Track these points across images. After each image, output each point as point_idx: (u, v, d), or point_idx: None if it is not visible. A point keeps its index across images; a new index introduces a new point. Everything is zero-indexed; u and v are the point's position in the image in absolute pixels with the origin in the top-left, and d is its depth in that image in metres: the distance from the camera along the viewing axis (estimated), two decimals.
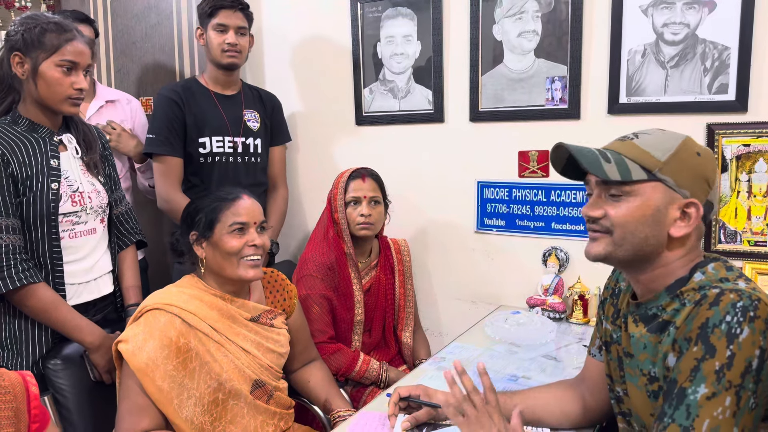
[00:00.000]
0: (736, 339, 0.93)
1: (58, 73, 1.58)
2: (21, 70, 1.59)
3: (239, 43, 2.22)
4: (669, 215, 1.06)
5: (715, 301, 0.97)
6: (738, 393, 0.92)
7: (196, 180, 2.27)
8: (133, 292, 1.82)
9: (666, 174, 1.06)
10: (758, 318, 0.94)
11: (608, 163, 1.07)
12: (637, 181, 1.06)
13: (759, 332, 0.93)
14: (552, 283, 2.19)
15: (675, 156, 1.06)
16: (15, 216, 1.55)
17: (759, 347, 0.93)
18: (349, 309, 2.08)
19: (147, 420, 1.43)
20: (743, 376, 0.92)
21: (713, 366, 0.93)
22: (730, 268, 1.08)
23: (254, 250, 1.55)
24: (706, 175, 1.07)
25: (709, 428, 0.92)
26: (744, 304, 0.95)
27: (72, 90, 1.60)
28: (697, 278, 1.06)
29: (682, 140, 1.09)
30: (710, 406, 0.92)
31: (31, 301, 1.56)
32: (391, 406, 1.41)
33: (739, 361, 0.93)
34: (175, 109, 2.20)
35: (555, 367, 1.75)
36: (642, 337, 1.11)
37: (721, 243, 1.95)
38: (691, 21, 1.92)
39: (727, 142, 1.90)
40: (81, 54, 1.61)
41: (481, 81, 2.28)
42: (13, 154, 1.57)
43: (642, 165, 1.07)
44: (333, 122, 2.65)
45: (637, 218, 1.07)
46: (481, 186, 2.36)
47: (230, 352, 1.53)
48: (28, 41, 1.57)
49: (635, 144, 1.09)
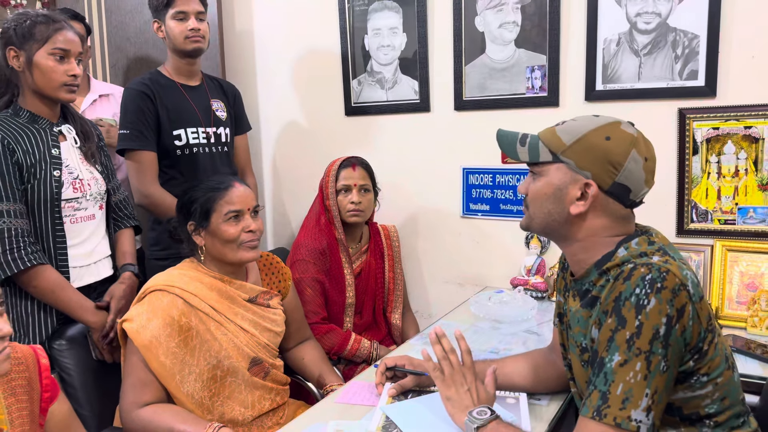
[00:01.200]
0: (644, 309, 1.01)
1: (51, 61, 1.66)
2: (17, 63, 1.68)
3: (201, 28, 2.18)
4: (569, 194, 1.15)
5: (627, 276, 1.05)
6: (648, 358, 1.00)
7: (173, 173, 2.23)
8: (128, 256, 1.90)
9: (568, 156, 1.15)
10: (665, 288, 1.02)
11: (522, 147, 1.20)
12: (544, 162, 1.17)
13: (666, 301, 1.01)
14: (534, 264, 2.29)
15: (580, 140, 1.14)
16: (21, 201, 1.64)
17: (666, 315, 1.01)
18: (340, 292, 2.17)
19: (150, 394, 1.51)
20: (651, 342, 1.01)
21: (624, 336, 1.02)
22: (652, 242, 1.14)
23: (251, 235, 1.64)
24: (611, 158, 1.12)
25: (623, 391, 1.01)
26: (652, 277, 1.03)
27: (66, 77, 1.69)
28: (621, 254, 1.13)
29: (598, 125, 1.15)
30: (623, 372, 1.01)
31: (38, 281, 1.64)
32: (378, 375, 1.51)
33: (647, 330, 1.01)
34: (147, 103, 2.15)
35: (536, 341, 1.83)
36: (577, 311, 1.20)
37: (693, 222, 2.05)
38: (663, 11, 2.01)
39: (698, 125, 2.00)
40: (71, 42, 1.70)
41: (464, 71, 2.37)
42: (18, 143, 1.65)
43: (549, 148, 1.17)
44: (323, 113, 2.73)
45: (542, 195, 1.18)
46: (466, 172, 2.45)
47: (229, 330, 1.61)
48: (20, 34, 1.65)
49: (554, 129, 1.19)
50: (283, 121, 2.85)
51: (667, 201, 2.07)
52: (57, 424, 1.29)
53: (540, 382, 1.45)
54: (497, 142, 1.25)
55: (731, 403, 1.10)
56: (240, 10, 2.84)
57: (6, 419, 1.15)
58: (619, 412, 1.00)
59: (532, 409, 1.40)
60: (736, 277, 1.95)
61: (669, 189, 2.06)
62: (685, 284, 1.04)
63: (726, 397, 1.10)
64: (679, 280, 1.03)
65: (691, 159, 2.02)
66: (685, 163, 2.02)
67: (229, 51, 2.83)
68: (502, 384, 1.45)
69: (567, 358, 1.31)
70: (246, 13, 2.84)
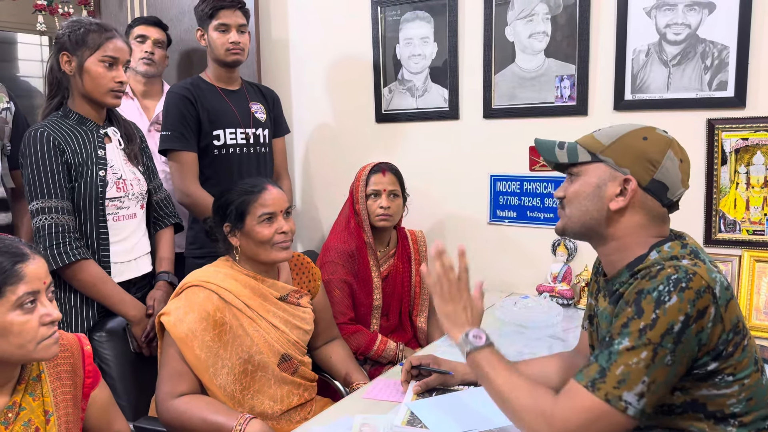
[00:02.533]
0: (663, 305, 1.03)
1: (101, 68, 1.76)
2: (69, 68, 1.78)
3: (241, 41, 2.27)
4: (608, 191, 1.18)
5: (654, 275, 1.08)
6: (655, 350, 1.03)
7: (210, 172, 2.30)
8: (165, 263, 1.98)
9: (607, 155, 1.19)
10: (689, 288, 1.04)
11: (561, 150, 1.24)
12: (582, 162, 1.21)
13: (687, 301, 1.03)
14: (561, 271, 2.31)
15: (619, 140, 1.19)
16: (68, 199, 1.74)
17: (684, 314, 1.03)
18: (368, 294, 2.22)
19: (185, 385, 1.58)
20: (663, 336, 1.03)
21: (638, 325, 1.04)
22: (685, 245, 1.17)
23: (284, 236, 1.70)
24: (649, 156, 1.16)
25: (621, 373, 1.03)
26: (678, 277, 1.04)
27: (113, 83, 1.78)
28: (653, 256, 1.15)
29: (635, 128, 1.20)
30: (627, 356, 1.04)
31: (82, 275, 1.73)
32: (404, 373, 1.55)
33: (661, 324, 1.03)
34: (188, 105, 2.24)
35: (562, 347, 1.83)
36: (605, 310, 1.23)
37: (721, 232, 2.05)
38: (692, 22, 2.03)
39: (727, 136, 2.00)
40: (120, 50, 1.79)
41: (494, 80, 2.41)
42: (67, 144, 1.75)
43: (588, 149, 1.21)
44: (354, 119, 2.79)
45: (581, 193, 1.21)
46: (493, 179, 2.48)
47: (261, 327, 1.67)
48: (73, 41, 1.76)
49: (592, 135, 1.24)
50: (315, 126, 2.92)
51: (695, 210, 2.08)
52: (97, 410, 1.36)
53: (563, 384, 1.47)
54: (536, 148, 1.29)
55: (757, 404, 1.11)
56: (276, 19, 2.93)
57: (51, 401, 1.22)
58: (612, 390, 1.03)
59: None
60: (763, 287, 1.94)
61: (697, 199, 2.07)
62: (711, 287, 1.05)
63: (753, 398, 1.10)
64: (705, 282, 1.05)
65: (719, 169, 2.02)
66: (713, 173, 2.03)
67: (265, 58, 2.91)
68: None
69: None
70: (281, 22, 2.92)
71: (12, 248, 1.12)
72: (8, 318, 1.09)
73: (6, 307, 1.09)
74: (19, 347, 1.11)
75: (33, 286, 1.12)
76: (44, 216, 1.69)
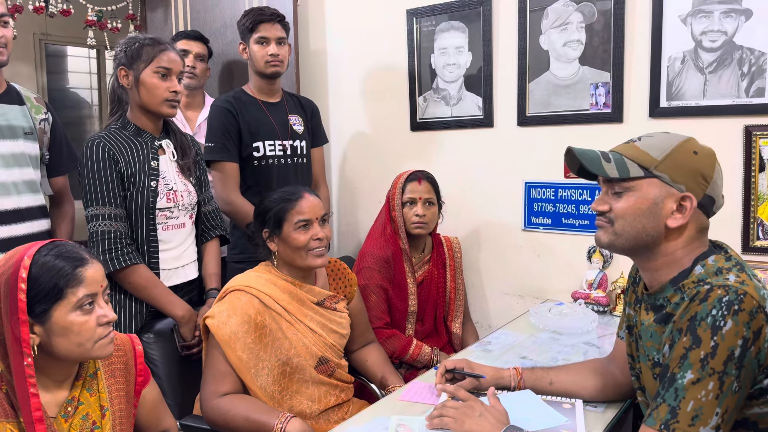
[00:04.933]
0: (720, 331, 1.03)
1: (155, 79, 1.86)
2: (126, 82, 1.88)
3: (280, 53, 2.36)
4: (665, 208, 1.17)
5: (704, 298, 1.07)
6: (721, 378, 1.02)
7: (251, 182, 2.39)
8: (214, 279, 2.06)
9: (662, 171, 1.17)
10: (742, 311, 1.03)
11: (608, 163, 1.20)
12: (635, 177, 1.19)
13: (742, 324, 1.03)
14: (596, 278, 2.31)
15: (671, 155, 1.17)
16: (121, 207, 1.83)
17: (742, 337, 1.03)
18: (403, 299, 2.26)
19: (228, 384, 1.65)
20: (726, 363, 1.02)
21: (699, 354, 1.04)
22: (729, 257, 1.17)
23: (319, 242, 1.76)
24: (702, 171, 1.16)
25: (693, 409, 1.03)
26: (729, 299, 1.04)
27: (168, 93, 1.88)
28: (698, 271, 1.15)
29: (681, 141, 1.19)
30: (694, 390, 1.03)
31: (134, 278, 1.82)
32: (438, 376, 1.59)
33: (722, 351, 1.03)
34: (230, 118, 2.33)
35: (596, 353, 1.84)
36: (650, 326, 1.22)
37: (759, 239, 2.04)
38: (729, 29, 2.02)
39: (764, 143, 1.99)
40: (173, 61, 1.89)
41: (528, 88, 2.43)
42: (121, 154, 1.85)
43: (640, 164, 1.19)
44: (390, 128, 2.84)
45: (635, 211, 1.19)
46: (528, 186, 2.50)
47: (299, 330, 1.73)
48: (129, 55, 1.86)
49: (636, 145, 1.21)
50: (352, 134, 2.98)
51: (732, 218, 2.06)
52: (147, 406, 1.43)
53: (598, 391, 1.49)
54: (577, 156, 1.23)
55: None
56: (314, 31, 3.01)
57: (107, 397, 1.30)
58: (688, 428, 1.02)
59: (587, 414, 1.44)
60: None
61: (735, 206, 2.05)
62: (762, 306, 1.05)
63: None
64: (756, 302, 1.05)
65: (757, 176, 2.01)
66: (751, 180, 2.02)
67: (304, 69, 3.00)
68: (560, 390, 1.51)
69: (635, 368, 1.33)
70: (320, 34, 3.00)
71: (73, 253, 1.21)
72: (69, 318, 1.17)
73: (67, 308, 1.17)
74: (78, 345, 1.19)
75: (91, 288, 1.20)
76: (99, 222, 1.79)
